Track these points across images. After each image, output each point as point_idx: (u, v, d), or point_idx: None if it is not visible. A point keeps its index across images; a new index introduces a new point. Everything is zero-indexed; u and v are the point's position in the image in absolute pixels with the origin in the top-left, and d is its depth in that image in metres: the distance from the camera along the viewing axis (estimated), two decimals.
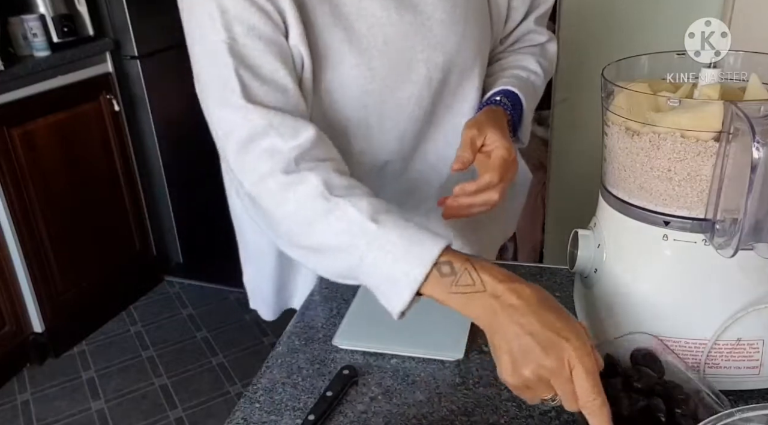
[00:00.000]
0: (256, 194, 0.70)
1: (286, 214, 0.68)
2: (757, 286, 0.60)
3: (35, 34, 2.17)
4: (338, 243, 0.64)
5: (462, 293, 0.59)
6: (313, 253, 0.68)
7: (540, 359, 0.54)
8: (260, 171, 0.69)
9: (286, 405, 0.67)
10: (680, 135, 0.57)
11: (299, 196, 0.67)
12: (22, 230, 2.13)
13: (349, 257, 0.64)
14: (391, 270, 0.61)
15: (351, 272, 0.65)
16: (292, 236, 0.69)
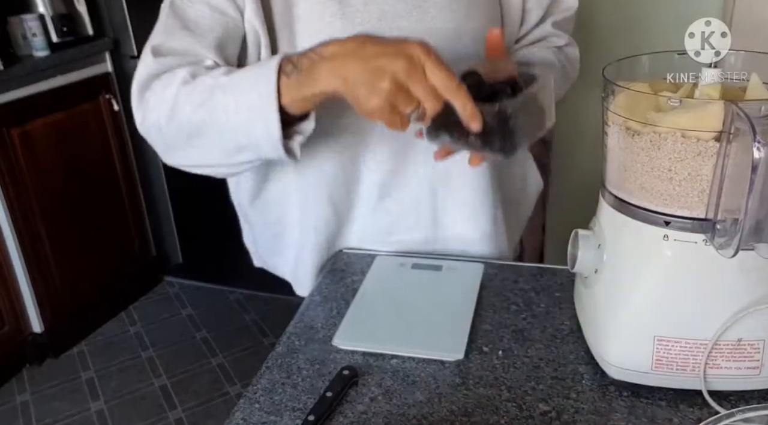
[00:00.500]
0: (144, 119, 0.75)
1: (166, 114, 0.72)
2: (757, 286, 0.60)
3: (34, 33, 2.17)
4: (205, 111, 0.69)
5: (308, 74, 0.63)
6: (198, 135, 0.71)
7: (391, 65, 0.58)
8: (146, 99, 0.75)
9: (286, 405, 0.66)
10: (681, 135, 0.57)
11: (171, 90, 0.71)
12: (21, 230, 2.13)
13: (218, 120, 0.68)
14: (248, 101, 0.65)
15: (229, 136, 0.69)
16: (177, 132, 0.72)
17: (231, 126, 0.68)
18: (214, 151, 0.73)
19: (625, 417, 0.62)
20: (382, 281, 0.86)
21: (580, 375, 0.68)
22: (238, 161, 0.74)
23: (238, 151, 0.71)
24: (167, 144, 0.76)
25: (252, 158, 0.72)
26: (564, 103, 0.62)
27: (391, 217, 0.91)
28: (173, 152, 0.77)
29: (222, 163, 0.75)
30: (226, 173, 0.81)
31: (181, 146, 0.75)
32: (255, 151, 0.70)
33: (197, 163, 0.77)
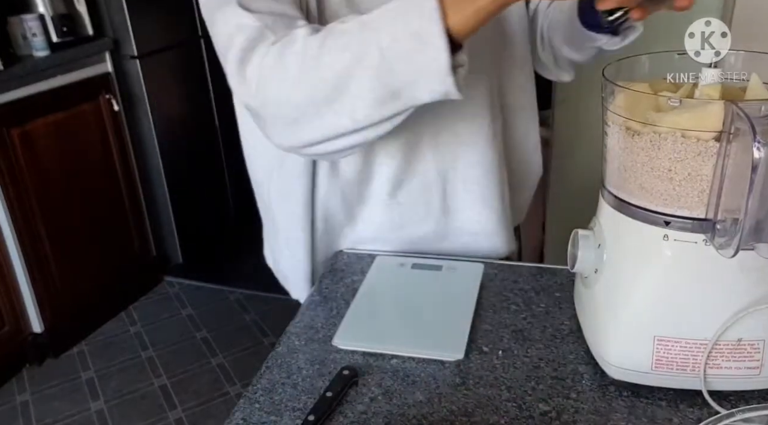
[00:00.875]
0: (261, 90, 0.66)
1: (293, 77, 0.64)
2: (757, 286, 0.60)
3: (34, 33, 2.17)
4: (351, 55, 0.61)
5: None
6: (341, 93, 0.63)
7: None
8: (258, 70, 0.66)
9: (286, 405, 0.66)
10: (681, 135, 0.57)
11: (294, 50, 0.64)
12: (21, 230, 2.13)
13: (368, 59, 0.60)
14: (408, 27, 0.58)
15: (383, 75, 0.61)
16: (312, 95, 0.64)
17: (386, 65, 0.60)
18: (359, 107, 0.63)
19: (625, 417, 0.62)
20: (382, 281, 0.86)
21: (580, 375, 0.68)
22: (386, 115, 0.64)
23: (391, 98, 0.62)
24: (291, 117, 0.66)
25: (404, 107, 0.63)
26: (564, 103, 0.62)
27: (403, 208, 0.91)
28: (299, 127, 0.67)
29: (365, 123, 0.65)
30: (358, 142, 0.68)
31: (313, 114, 0.65)
32: (412, 93, 0.62)
33: (330, 133, 0.66)
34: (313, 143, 0.68)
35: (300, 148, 0.70)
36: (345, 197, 0.90)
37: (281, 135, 0.69)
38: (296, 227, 0.91)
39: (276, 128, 0.68)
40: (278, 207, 0.92)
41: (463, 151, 0.89)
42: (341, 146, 0.68)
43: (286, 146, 0.70)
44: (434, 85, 0.60)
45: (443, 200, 0.91)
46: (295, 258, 0.94)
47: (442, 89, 0.60)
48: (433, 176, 0.89)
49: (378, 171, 0.88)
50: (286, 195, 0.90)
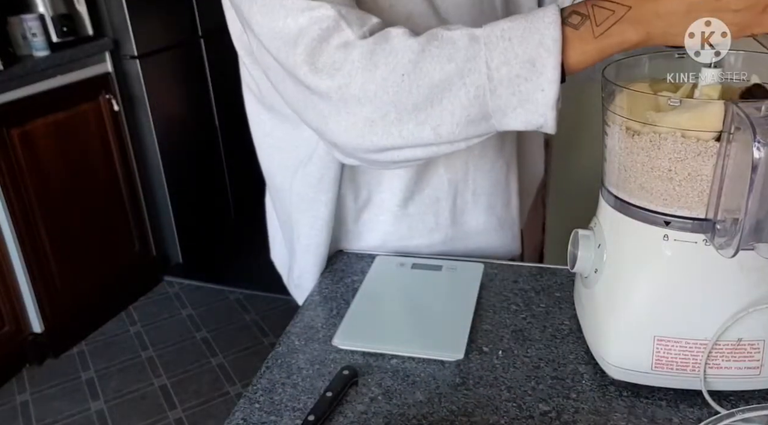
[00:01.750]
0: (339, 87, 0.60)
1: (382, 77, 0.59)
2: (757, 286, 0.60)
3: (34, 33, 2.17)
4: (455, 67, 0.57)
5: (609, 27, 0.54)
6: (431, 104, 0.59)
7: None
8: (337, 63, 0.60)
9: (286, 405, 0.66)
10: (681, 135, 0.57)
11: (388, 49, 0.59)
12: (21, 230, 2.13)
13: (472, 76, 0.56)
14: (524, 52, 0.54)
15: (482, 95, 0.57)
16: (398, 100, 0.59)
17: (490, 86, 0.56)
18: (446, 122, 0.59)
19: (625, 417, 0.62)
20: (382, 281, 0.86)
21: (580, 375, 0.68)
22: (470, 135, 0.61)
23: (480, 119, 0.59)
24: (369, 118, 0.61)
25: (490, 130, 0.60)
26: (564, 103, 0.62)
27: (412, 219, 0.91)
28: (373, 129, 0.61)
29: (446, 139, 0.61)
30: (427, 156, 0.64)
31: (394, 119, 0.60)
32: (506, 119, 0.58)
33: (404, 142, 0.62)
34: (381, 149, 0.63)
35: (363, 152, 0.64)
36: (356, 203, 0.90)
37: (349, 134, 0.63)
38: (320, 233, 0.88)
39: (347, 125, 0.62)
40: (300, 214, 0.88)
41: (473, 162, 0.89)
42: (407, 156, 0.64)
43: (349, 146, 0.64)
44: (533, 116, 0.58)
45: (453, 212, 0.91)
46: (311, 264, 0.91)
47: (539, 122, 0.58)
48: (444, 188, 0.89)
49: (390, 182, 0.88)
50: (312, 201, 0.86)
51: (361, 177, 0.88)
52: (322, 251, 0.90)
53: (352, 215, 0.91)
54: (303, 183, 0.86)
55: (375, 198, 0.90)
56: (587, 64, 0.57)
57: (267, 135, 0.88)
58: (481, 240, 0.94)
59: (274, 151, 0.89)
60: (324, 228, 0.88)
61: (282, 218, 0.95)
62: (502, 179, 0.92)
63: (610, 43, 0.55)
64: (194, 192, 2.90)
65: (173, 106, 2.76)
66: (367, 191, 0.89)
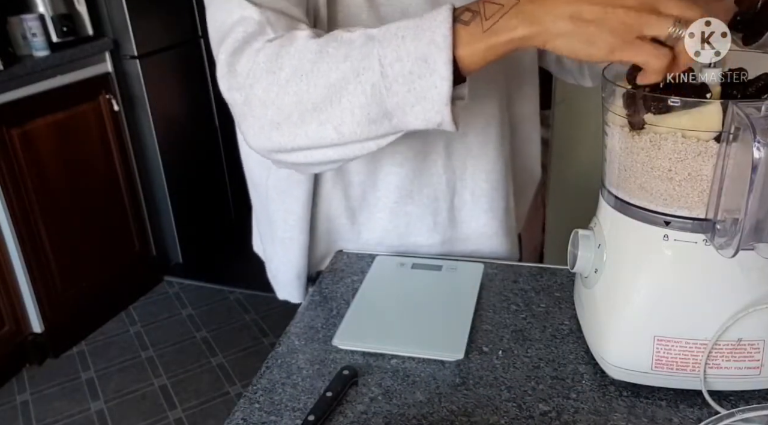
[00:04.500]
0: (248, 86, 0.62)
1: (285, 79, 0.61)
2: (757, 286, 0.60)
3: (34, 33, 2.17)
4: (350, 65, 0.58)
5: (497, 21, 0.54)
6: (331, 103, 0.60)
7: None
8: (249, 65, 0.63)
9: (286, 405, 0.66)
10: (681, 135, 0.57)
11: (292, 51, 0.61)
12: (21, 230, 2.13)
13: (367, 73, 0.58)
14: (416, 50, 0.56)
15: (378, 93, 0.58)
16: (299, 101, 0.61)
17: (385, 83, 0.57)
18: (347, 121, 0.60)
19: (625, 417, 0.62)
20: (382, 281, 0.86)
21: (580, 375, 0.68)
22: (372, 135, 0.62)
23: (382, 117, 0.60)
24: (274, 121, 0.62)
25: (393, 129, 0.61)
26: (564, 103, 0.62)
27: (410, 218, 0.91)
28: (280, 131, 0.63)
29: (350, 139, 0.62)
30: (337, 157, 0.65)
31: (297, 121, 0.62)
32: (405, 117, 0.59)
33: (310, 143, 0.63)
34: (289, 150, 0.65)
35: (275, 152, 0.66)
36: (348, 201, 0.90)
37: (258, 136, 0.65)
38: (294, 228, 0.90)
39: (254, 128, 0.64)
40: (276, 207, 0.91)
41: (472, 162, 0.89)
42: (317, 158, 0.65)
43: (261, 149, 0.66)
44: (429, 113, 0.58)
45: (451, 211, 0.91)
46: (287, 258, 0.93)
47: (437, 119, 0.58)
48: (442, 187, 0.89)
49: (384, 180, 0.88)
50: (285, 194, 0.89)
51: (354, 177, 0.88)
52: (296, 248, 0.91)
53: (347, 214, 0.91)
54: (277, 178, 0.88)
55: (370, 197, 0.90)
56: (480, 61, 0.57)
57: None
58: (481, 244, 0.94)
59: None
60: (298, 224, 0.89)
61: (259, 212, 0.97)
62: (502, 180, 0.92)
63: (499, 39, 0.55)
64: (194, 192, 2.90)
65: (173, 106, 2.76)
66: (361, 190, 0.89)
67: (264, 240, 0.99)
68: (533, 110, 0.98)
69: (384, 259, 0.91)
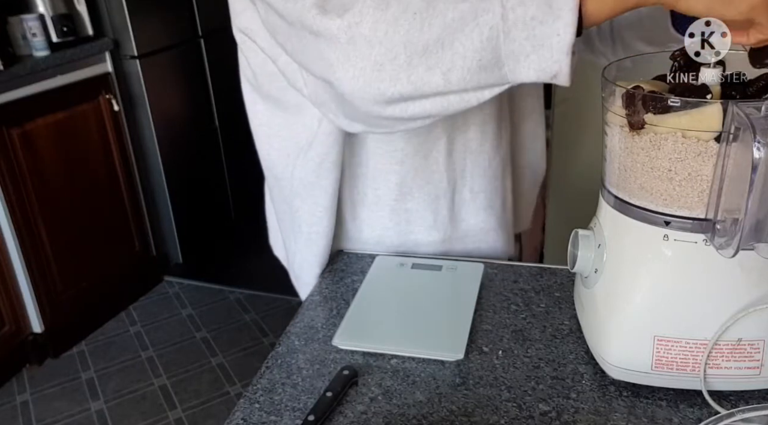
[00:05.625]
0: (354, 24, 0.58)
1: (393, 16, 0.57)
2: (757, 286, 0.60)
3: (34, 33, 2.17)
4: (469, 6, 0.54)
5: None
6: (443, 46, 0.56)
7: None
8: (347, 4, 0.58)
9: (286, 405, 0.66)
10: (681, 135, 0.57)
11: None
12: (21, 230, 2.13)
13: (486, 15, 0.54)
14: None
15: (495, 37, 0.54)
16: (409, 41, 0.56)
17: (505, 27, 0.54)
18: (457, 67, 0.57)
19: (625, 417, 0.62)
20: (382, 281, 0.86)
21: (580, 375, 0.68)
22: (481, 84, 0.58)
23: (493, 66, 0.56)
24: (378, 61, 0.58)
25: (501, 80, 0.57)
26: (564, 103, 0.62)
27: (410, 215, 0.91)
28: (383, 74, 0.59)
29: (456, 87, 0.58)
30: (437, 110, 0.61)
31: (403, 63, 0.58)
32: (518, 66, 0.56)
33: (413, 90, 0.59)
34: (389, 100, 0.60)
35: (371, 102, 0.61)
36: (352, 197, 0.90)
37: (357, 81, 0.60)
38: (322, 220, 0.88)
39: (355, 69, 0.59)
40: (301, 200, 0.88)
41: (471, 159, 0.89)
42: (415, 111, 0.61)
43: (357, 96, 0.61)
44: (547, 62, 0.54)
45: (451, 209, 0.91)
46: (313, 254, 0.91)
47: (553, 69, 0.55)
48: (443, 185, 0.89)
49: (385, 178, 0.88)
50: (313, 186, 0.86)
51: (357, 169, 0.88)
52: (323, 242, 0.90)
53: (350, 211, 0.91)
54: (304, 169, 0.85)
55: (370, 194, 0.90)
56: (607, 12, 0.54)
57: (264, 125, 0.88)
58: (479, 240, 0.94)
59: (273, 140, 0.88)
60: (325, 216, 0.88)
61: (281, 209, 0.95)
62: (499, 177, 0.92)
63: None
64: (194, 192, 2.90)
65: (173, 106, 2.76)
66: (362, 186, 0.89)
67: (286, 239, 0.96)
68: (536, 105, 0.97)
69: (384, 259, 0.91)
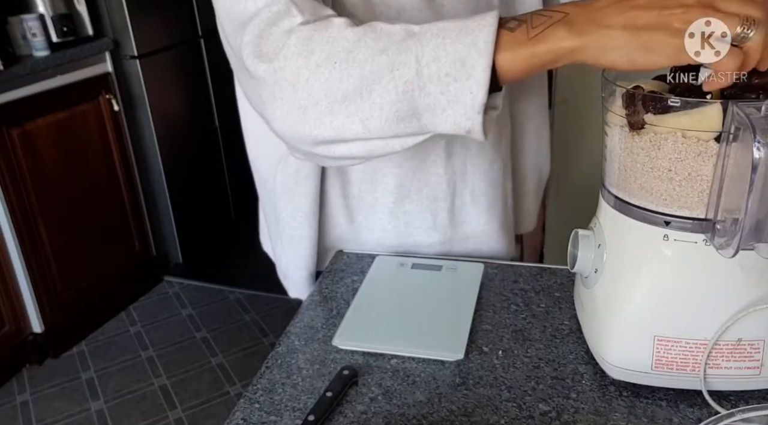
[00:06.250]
0: (279, 69, 0.60)
1: (315, 64, 0.59)
2: (757, 286, 0.60)
3: (34, 33, 2.17)
4: (386, 59, 0.57)
5: (543, 30, 0.53)
6: (361, 95, 0.58)
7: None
8: (276, 48, 0.60)
9: (286, 405, 0.66)
10: (681, 135, 0.57)
11: (326, 37, 0.59)
12: (21, 230, 2.13)
13: (402, 69, 0.56)
14: (455, 51, 0.54)
15: (410, 91, 0.56)
16: (329, 89, 0.59)
17: (419, 82, 0.56)
18: (375, 116, 0.59)
19: (625, 417, 0.62)
20: (382, 281, 0.86)
21: (580, 375, 0.68)
22: (400, 133, 0.60)
23: (411, 117, 0.58)
24: (302, 104, 0.60)
25: (420, 130, 0.60)
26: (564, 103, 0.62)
27: (409, 218, 0.91)
28: (306, 117, 0.61)
29: (376, 135, 0.60)
30: (361, 153, 0.63)
31: (324, 109, 0.60)
32: (434, 119, 0.58)
33: (335, 135, 0.61)
34: (315, 141, 0.63)
35: (299, 141, 0.64)
36: (347, 200, 0.90)
37: (284, 121, 0.62)
38: (303, 225, 0.89)
39: (281, 110, 0.62)
40: (284, 204, 0.90)
41: (471, 162, 0.89)
42: (343, 152, 0.64)
43: (285, 134, 0.64)
44: (460, 119, 0.57)
45: (451, 212, 0.91)
46: (297, 256, 0.93)
47: (466, 126, 0.57)
48: (443, 187, 0.89)
49: (383, 181, 0.88)
50: (293, 192, 0.88)
51: (351, 174, 0.88)
52: (306, 245, 0.91)
53: (345, 214, 0.91)
54: (285, 174, 0.87)
55: (367, 197, 0.90)
56: (520, 70, 0.55)
57: (253, 128, 0.89)
58: (481, 243, 0.94)
59: (260, 142, 0.90)
60: (306, 221, 0.89)
61: (267, 210, 0.97)
62: (500, 179, 0.92)
63: (544, 47, 0.54)
64: (194, 192, 2.90)
65: (173, 106, 2.76)
66: (358, 189, 0.89)
67: (273, 238, 0.99)
68: (540, 104, 0.97)
69: (384, 259, 0.91)
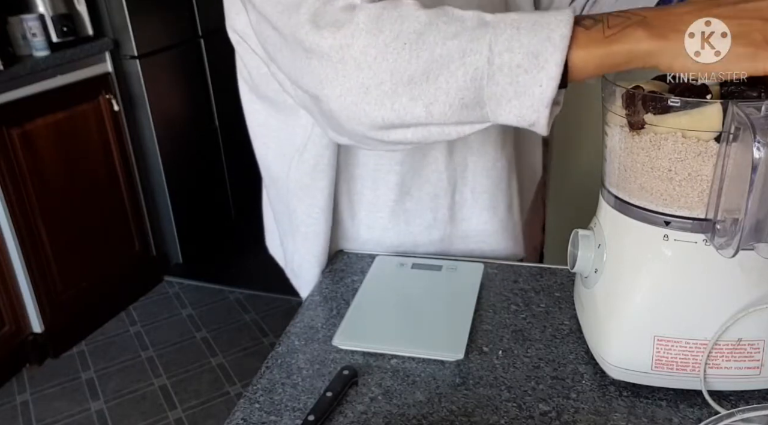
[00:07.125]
0: (345, 46, 0.58)
1: (384, 43, 0.57)
2: (757, 286, 0.60)
3: (34, 33, 2.17)
4: (458, 45, 0.55)
5: (621, 30, 0.53)
6: (427, 79, 0.57)
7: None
8: (340, 23, 0.59)
9: (286, 405, 0.66)
10: (681, 135, 0.57)
11: (396, 16, 0.57)
12: (21, 230, 2.13)
13: (473, 56, 0.55)
14: (529, 43, 0.53)
15: (479, 78, 0.55)
16: (396, 69, 0.57)
17: (489, 71, 0.55)
18: (440, 101, 0.58)
19: (625, 417, 0.62)
20: (382, 281, 0.86)
21: (580, 375, 0.68)
22: (461, 120, 0.59)
23: (474, 105, 0.57)
24: (365, 83, 0.59)
25: (481, 119, 0.58)
26: (564, 104, 0.62)
27: (409, 215, 0.91)
28: (367, 97, 0.59)
29: (437, 120, 0.59)
30: (418, 139, 0.62)
31: (387, 91, 0.58)
32: (499, 109, 0.57)
33: (395, 118, 0.60)
34: (372, 124, 0.61)
35: (355, 123, 0.62)
36: (350, 197, 0.90)
37: (344, 100, 0.60)
38: (318, 221, 0.88)
39: (341, 90, 0.60)
40: (298, 201, 0.88)
41: (473, 159, 0.89)
42: (398, 138, 0.62)
43: (342, 114, 0.62)
44: (527, 111, 0.56)
45: (451, 208, 0.91)
46: (311, 253, 0.91)
47: (531, 118, 0.56)
48: (443, 184, 0.89)
49: (385, 178, 0.88)
50: (309, 188, 0.87)
51: (354, 170, 0.88)
52: (321, 242, 0.90)
53: (348, 211, 0.91)
54: (299, 170, 0.86)
55: (369, 194, 0.90)
56: (592, 68, 0.55)
57: (262, 125, 0.88)
58: (482, 241, 0.94)
59: (270, 140, 0.89)
60: (321, 217, 0.88)
61: (278, 209, 0.95)
62: (504, 179, 0.92)
63: (620, 48, 0.53)
64: (194, 192, 2.90)
65: (173, 106, 2.76)
66: (361, 185, 0.89)
67: (284, 238, 0.97)
68: None
69: (384, 259, 0.91)
